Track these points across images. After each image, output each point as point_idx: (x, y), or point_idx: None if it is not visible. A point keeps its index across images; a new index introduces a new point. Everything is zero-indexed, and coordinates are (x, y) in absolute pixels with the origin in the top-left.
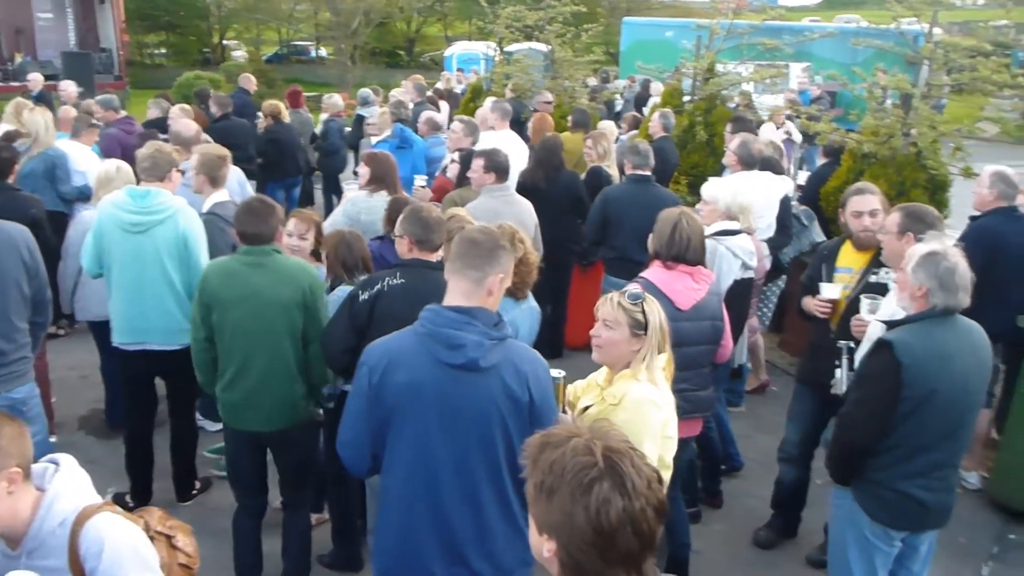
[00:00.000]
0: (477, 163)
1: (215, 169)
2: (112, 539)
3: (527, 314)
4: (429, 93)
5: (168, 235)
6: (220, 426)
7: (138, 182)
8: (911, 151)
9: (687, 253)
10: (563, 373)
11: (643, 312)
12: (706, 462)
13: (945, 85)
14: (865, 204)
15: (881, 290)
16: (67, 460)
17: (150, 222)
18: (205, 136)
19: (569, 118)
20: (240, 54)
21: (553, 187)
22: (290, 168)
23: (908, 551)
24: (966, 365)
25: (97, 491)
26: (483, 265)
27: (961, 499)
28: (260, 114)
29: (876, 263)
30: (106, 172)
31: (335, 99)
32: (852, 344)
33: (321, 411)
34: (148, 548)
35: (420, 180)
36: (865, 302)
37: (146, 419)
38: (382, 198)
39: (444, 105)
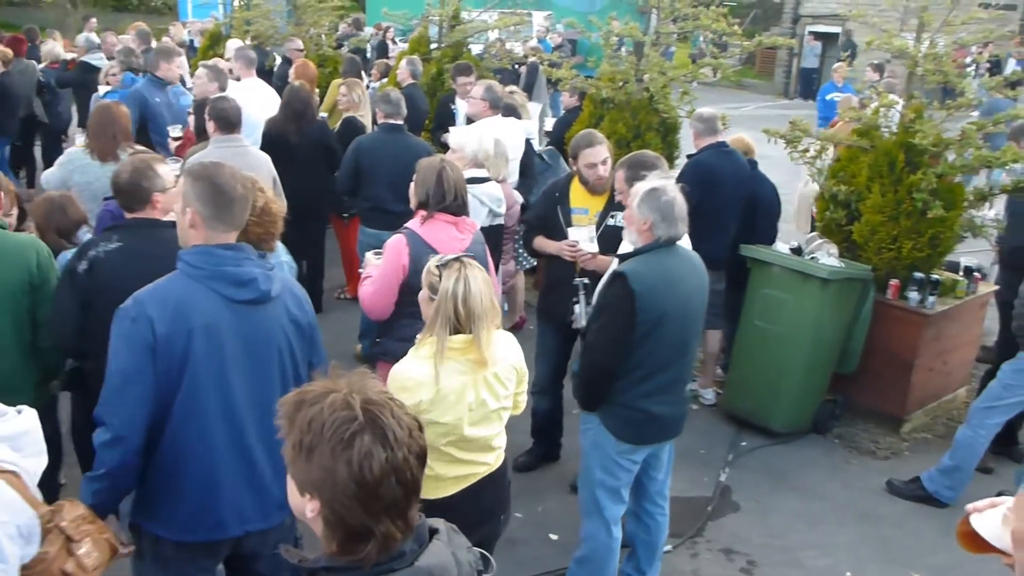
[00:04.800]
0: (206, 112)
1: None
2: None
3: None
4: (166, 39)
5: None
6: None
7: None
8: (644, 96)
9: (453, 202)
10: None
11: (439, 277)
12: None
13: (672, 33)
14: (597, 155)
15: (619, 233)
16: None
17: None
18: None
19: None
20: None
21: (304, 139)
22: (11, 123)
23: (651, 460)
24: (688, 288)
25: None
26: (239, 210)
27: (699, 415)
28: None
29: (611, 206)
30: None
31: (52, 46)
32: (587, 280)
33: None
34: (5, 538)
35: (175, 130)
36: (583, 232)
37: None
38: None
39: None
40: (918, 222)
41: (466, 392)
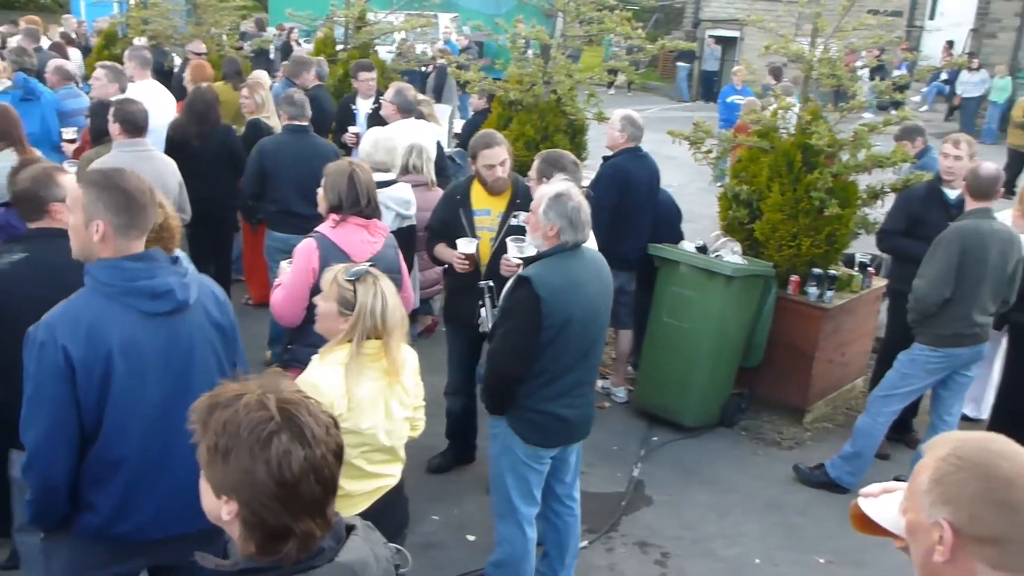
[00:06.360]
0: (111, 114)
1: None
2: None
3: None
4: (57, 38)
5: None
6: None
7: None
8: (552, 98)
9: (364, 206)
10: None
11: (354, 292)
12: None
13: (578, 36)
14: (495, 157)
15: (522, 231)
16: None
17: None
18: None
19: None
20: None
21: (208, 143)
22: None
23: (559, 464)
24: (593, 290)
25: None
26: (151, 215)
27: (612, 412)
28: None
29: (513, 206)
30: None
31: None
32: (491, 283)
33: None
34: None
35: (69, 132)
36: (512, 245)
37: None
38: (8, 157)
39: (74, 52)
40: (816, 220)
41: (378, 398)
